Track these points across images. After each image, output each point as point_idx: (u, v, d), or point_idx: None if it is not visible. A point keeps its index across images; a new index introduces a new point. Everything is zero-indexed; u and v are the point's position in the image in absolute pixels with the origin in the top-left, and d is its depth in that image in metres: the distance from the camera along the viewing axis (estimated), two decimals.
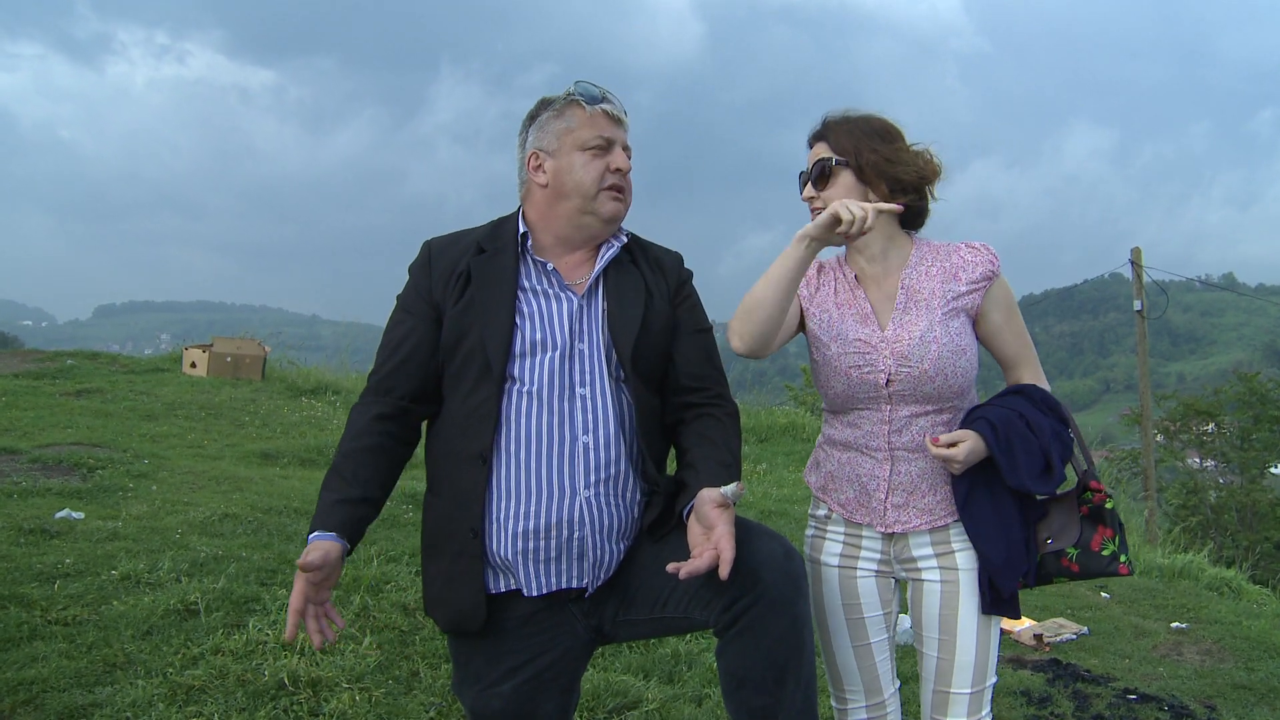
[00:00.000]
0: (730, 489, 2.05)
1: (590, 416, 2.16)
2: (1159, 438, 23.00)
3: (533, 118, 2.33)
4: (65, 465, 6.88)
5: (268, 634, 3.90)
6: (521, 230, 2.29)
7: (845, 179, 2.34)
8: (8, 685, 3.33)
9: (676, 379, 2.30)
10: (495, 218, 2.39)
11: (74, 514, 5.50)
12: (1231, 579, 7.92)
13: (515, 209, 2.37)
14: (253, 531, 5.46)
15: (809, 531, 2.51)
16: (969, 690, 2.29)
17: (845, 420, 2.40)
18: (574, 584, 2.16)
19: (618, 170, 2.27)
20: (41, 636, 3.76)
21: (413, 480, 6.23)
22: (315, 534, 2.10)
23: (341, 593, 4.50)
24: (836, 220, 2.13)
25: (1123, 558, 2.30)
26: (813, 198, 2.37)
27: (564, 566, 2.15)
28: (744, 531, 2.11)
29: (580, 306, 2.24)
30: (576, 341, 2.21)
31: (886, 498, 2.34)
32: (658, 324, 2.27)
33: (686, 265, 2.43)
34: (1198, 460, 24.84)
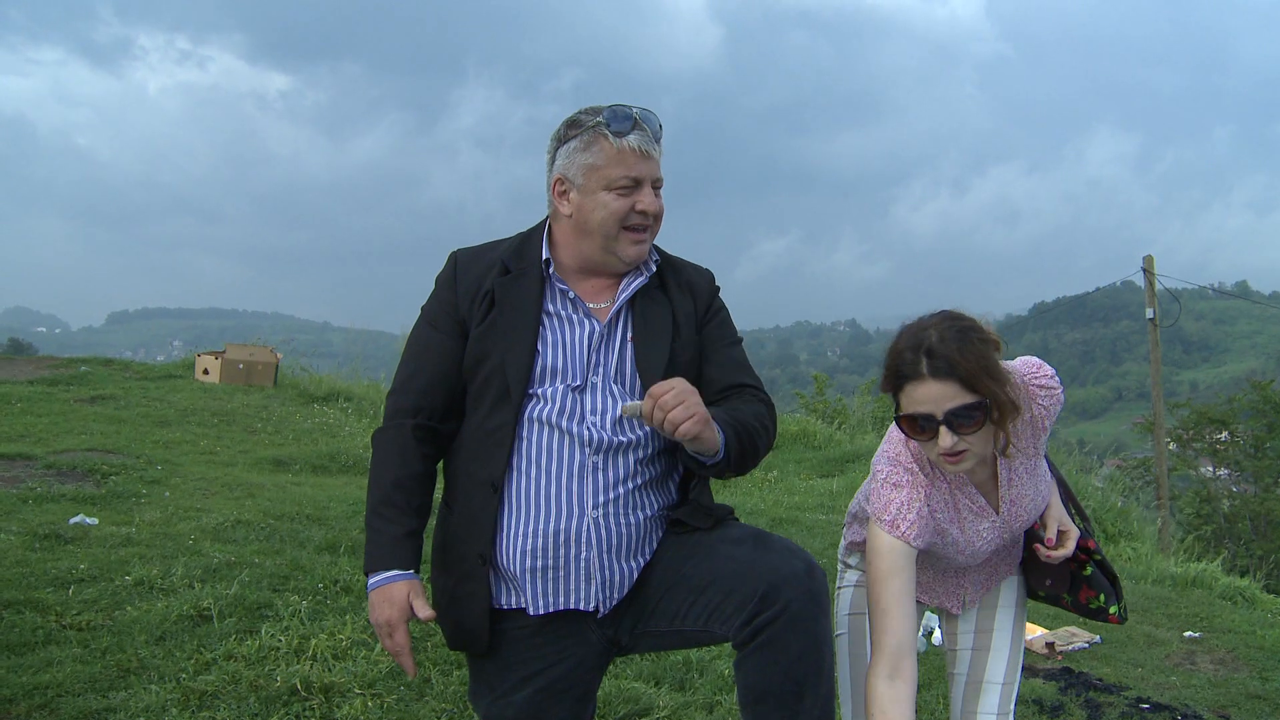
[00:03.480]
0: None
1: (599, 438, 2.15)
2: (1172, 446, 22.90)
3: (561, 140, 2.23)
4: (79, 471, 6.92)
5: (280, 640, 3.91)
6: (545, 256, 2.25)
7: (985, 424, 2.07)
8: (23, 689, 3.35)
9: (706, 398, 2.25)
10: (522, 230, 2.35)
11: (88, 520, 5.54)
12: (1245, 588, 7.88)
13: (543, 219, 2.33)
14: (265, 538, 5.47)
15: (858, 576, 2.49)
16: (1002, 680, 2.37)
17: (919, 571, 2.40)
18: (580, 606, 2.15)
19: (643, 212, 2.19)
20: (56, 641, 3.79)
21: None
22: (394, 573, 2.12)
23: (354, 599, 4.52)
24: None
25: (1112, 609, 2.43)
26: (955, 444, 2.06)
27: (570, 587, 2.14)
28: (765, 546, 2.11)
29: (601, 335, 2.22)
30: (591, 374, 2.20)
31: (970, 590, 2.46)
32: (684, 356, 2.24)
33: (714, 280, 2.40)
34: (1211, 469, 24.71)
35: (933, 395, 2.03)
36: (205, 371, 12.43)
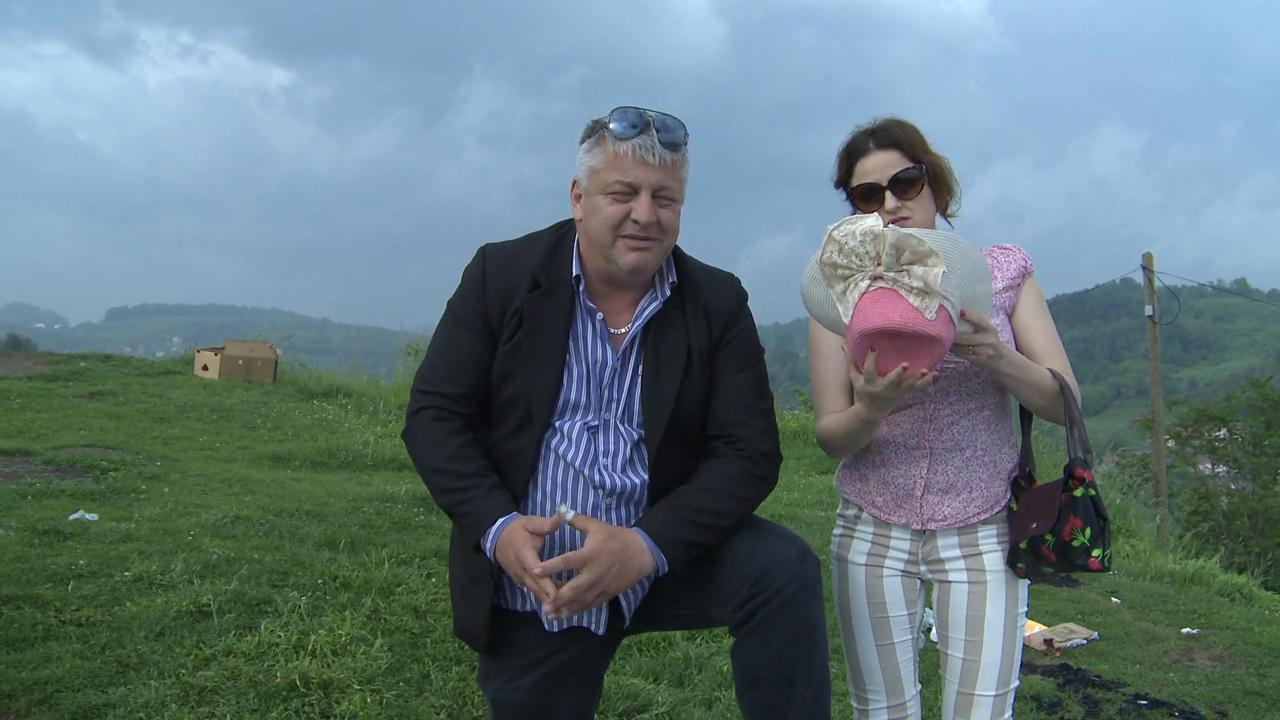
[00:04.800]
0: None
1: (611, 483, 2.16)
2: (1170, 443, 22.90)
3: (581, 141, 2.16)
4: (79, 467, 6.93)
5: (279, 635, 3.92)
6: (575, 272, 2.18)
7: (925, 189, 2.29)
8: (23, 685, 3.36)
9: (703, 427, 2.25)
10: (557, 223, 2.27)
11: (87, 516, 5.54)
12: (1243, 585, 7.89)
13: (575, 222, 2.24)
14: (264, 534, 5.48)
15: (837, 531, 2.49)
16: (993, 693, 2.30)
17: (885, 420, 2.35)
18: (593, 629, 2.19)
19: (636, 222, 2.07)
20: (56, 637, 3.79)
21: (422, 484, 6.24)
22: (498, 523, 2.05)
23: (353, 595, 4.52)
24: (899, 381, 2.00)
25: (1095, 552, 2.20)
26: (899, 208, 2.25)
27: (584, 612, 2.15)
28: (760, 532, 2.14)
29: (615, 369, 2.19)
30: (603, 411, 2.18)
31: (923, 495, 2.34)
32: (694, 390, 2.19)
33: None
34: (1209, 466, 24.71)
35: (879, 165, 2.27)
36: (204, 368, 12.43)
